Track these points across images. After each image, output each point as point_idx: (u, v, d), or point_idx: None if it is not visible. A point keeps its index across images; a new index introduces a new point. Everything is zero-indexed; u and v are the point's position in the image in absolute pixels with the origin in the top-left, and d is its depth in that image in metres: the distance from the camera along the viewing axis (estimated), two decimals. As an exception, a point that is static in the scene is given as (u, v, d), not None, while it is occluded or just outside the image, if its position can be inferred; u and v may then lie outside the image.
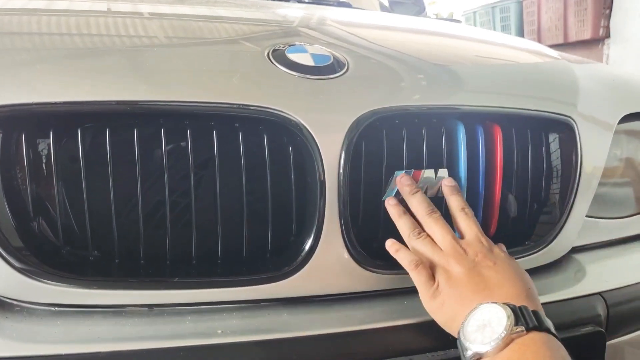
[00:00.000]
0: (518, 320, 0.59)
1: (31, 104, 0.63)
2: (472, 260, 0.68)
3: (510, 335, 0.58)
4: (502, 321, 0.59)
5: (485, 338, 0.59)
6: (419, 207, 0.72)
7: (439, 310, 0.68)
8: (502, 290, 0.65)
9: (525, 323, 0.59)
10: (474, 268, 0.67)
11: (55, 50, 0.74)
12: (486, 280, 0.66)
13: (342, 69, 0.75)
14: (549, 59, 1.11)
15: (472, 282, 0.66)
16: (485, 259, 0.68)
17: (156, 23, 0.89)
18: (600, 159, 0.90)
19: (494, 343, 0.59)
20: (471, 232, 0.72)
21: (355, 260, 0.72)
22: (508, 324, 0.59)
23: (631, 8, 4.38)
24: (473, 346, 0.60)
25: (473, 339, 0.60)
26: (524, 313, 0.61)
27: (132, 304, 0.68)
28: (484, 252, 0.69)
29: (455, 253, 0.69)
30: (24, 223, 0.65)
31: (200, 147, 0.69)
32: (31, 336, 0.62)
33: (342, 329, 0.69)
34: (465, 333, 0.62)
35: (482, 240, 0.71)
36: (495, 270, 0.67)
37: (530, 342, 0.59)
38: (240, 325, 0.67)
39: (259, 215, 0.71)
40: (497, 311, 0.61)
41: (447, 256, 0.69)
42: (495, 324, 0.60)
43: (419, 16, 2.14)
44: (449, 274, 0.68)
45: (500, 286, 0.66)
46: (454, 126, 0.78)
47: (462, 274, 0.67)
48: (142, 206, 0.67)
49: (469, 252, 0.69)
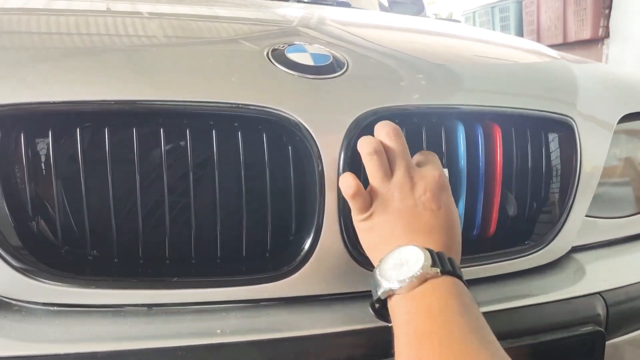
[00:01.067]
0: (434, 263, 0.60)
1: (30, 103, 0.63)
2: (417, 197, 0.66)
3: (425, 275, 0.59)
4: (420, 261, 0.60)
5: (401, 275, 0.60)
6: (380, 125, 0.69)
7: (365, 233, 0.68)
8: (431, 237, 0.65)
9: (441, 266, 0.60)
10: (414, 207, 0.66)
11: (55, 49, 0.74)
12: (421, 223, 0.66)
13: (341, 68, 0.75)
14: (548, 59, 1.11)
15: (406, 220, 0.66)
16: (431, 200, 0.67)
17: (155, 22, 0.89)
18: (600, 159, 0.90)
19: (408, 280, 0.59)
20: (432, 162, 0.70)
21: (354, 259, 0.72)
22: (425, 264, 0.60)
23: (631, 8, 4.39)
24: (387, 283, 0.61)
25: (389, 276, 0.61)
26: (441, 258, 0.61)
27: (131, 304, 0.68)
28: (434, 191, 0.67)
29: (403, 186, 0.67)
30: (23, 222, 0.65)
31: (199, 147, 0.68)
32: (30, 336, 0.62)
33: (342, 329, 0.69)
34: (382, 270, 0.62)
35: (436, 175, 0.68)
36: (434, 216, 0.66)
37: (442, 283, 0.60)
38: (240, 325, 0.67)
39: (258, 214, 0.71)
40: (417, 252, 0.62)
41: (393, 186, 0.67)
42: (412, 263, 0.61)
43: (418, 16, 2.14)
44: (388, 206, 0.66)
45: (430, 232, 0.65)
46: (454, 126, 0.78)
47: (401, 210, 0.66)
48: (141, 206, 0.67)
49: (418, 187, 0.67)
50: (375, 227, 0.67)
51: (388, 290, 0.61)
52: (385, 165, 0.67)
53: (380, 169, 0.67)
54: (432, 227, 0.66)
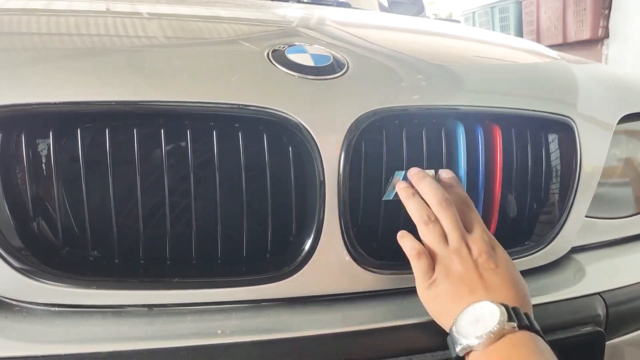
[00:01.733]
0: (511, 317, 0.61)
1: (31, 104, 0.63)
2: (474, 260, 0.68)
3: (502, 330, 0.60)
4: (496, 317, 0.61)
5: (478, 332, 0.60)
6: (431, 192, 0.71)
7: (432, 301, 0.68)
8: (498, 293, 0.66)
9: (517, 321, 0.61)
10: (475, 269, 0.67)
11: (55, 50, 0.74)
12: (485, 282, 0.67)
13: (341, 69, 0.75)
14: (548, 59, 1.11)
15: (471, 282, 0.67)
16: (488, 260, 0.68)
17: (155, 23, 0.89)
18: (600, 159, 0.90)
19: (486, 337, 0.60)
20: (477, 229, 0.71)
21: (355, 260, 0.72)
22: (501, 320, 0.60)
23: (630, 8, 4.39)
24: (465, 340, 0.61)
25: (466, 333, 0.61)
26: (516, 312, 0.62)
27: (132, 304, 0.68)
28: (488, 252, 0.69)
29: (460, 251, 0.69)
30: (24, 223, 0.65)
31: (200, 147, 0.69)
32: (31, 336, 0.62)
33: (342, 329, 0.69)
34: (458, 327, 0.63)
35: (485, 239, 0.70)
36: (496, 274, 0.67)
37: (521, 339, 0.60)
38: (240, 326, 0.67)
39: (259, 215, 0.71)
40: (491, 308, 0.62)
41: (452, 252, 0.69)
42: (488, 319, 0.61)
43: (418, 16, 2.14)
44: (450, 270, 0.68)
45: (497, 289, 0.66)
46: (454, 126, 0.78)
47: (463, 273, 0.67)
48: (142, 206, 0.67)
49: (473, 251, 0.69)
50: (442, 293, 0.67)
51: (466, 347, 0.61)
52: (442, 232, 0.70)
53: (439, 235, 0.69)
54: (496, 285, 0.67)
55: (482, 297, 0.64)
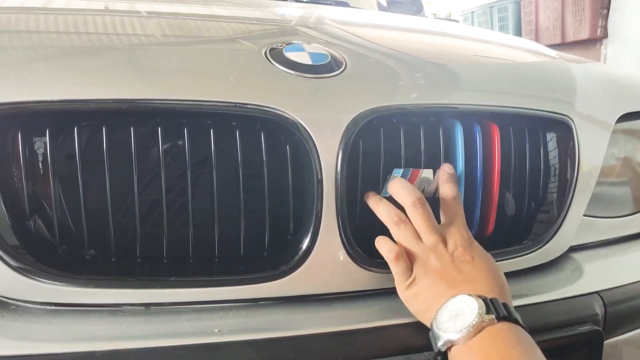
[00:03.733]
0: (489, 310, 0.62)
1: (27, 102, 0.63)
2: (451, 254, 0.69)
3: (481, 324, 0.61)
4: (474, 310, 0.62)
5: (457, 326, 0.61)
6: (401, 194, 0.72)
7: (412, 299, 0.69)
8: (476, 285, 0.67)
9: (495, 312, 0.62)
10: (452, 262, 0.69)
11: (52, 48, 0.73)
12: (462, 275, 0.68)
13: (339, 67, 0.75)
14: (546, 59, 1.11)
15: (448, 276, 0.68)
16: (464, 253, 0.69)
17: (153, 21, 0.89)
18: (598, 158, 0.90)
19: (466, 330, 0.61)
20: (455, 223, 0.72)
21: (352, 259, 0.72)
22: (479, 313, 0.61)
23: (629, 8, 4.40)
24: (445, 335, 0.62)
25: (446, 328, 0.62)
26: (494, 304, 0.63)
27: (129, 303, 0.68)
28: (464, 245, 0.70)
29: (436, 247, 0.69)
30: (20, 222, 0.65)
31: (197, 146, 0.68)
32: (27, 335, 0.62)
33: (340, 328, 0.69)
34: (438, 323, 0.64)
35: (463, 233, 0.71)
36: (472, 266, 0.68)
37: (499, 330, 0.61)
38: (238, 324, 0.67)
39: (256, 213, 0.71)
40: (469, 301, 0.63)
41: (427, 250, 0.69)
42: (467, 312, 0.62)
43: (416, 16, 2.14)
44: (427, 267, 0.69)
45: (474, 281, 0.67)
46: (452, 125, 0.78)
47: (440, 268, 0.68)
48: (139, 205, 0.67)
49: (449, 245, 0.70)
50: (421, 290, 0.68)
51: (447, 342, 0.62)
52: (414, 231, 0.71)
53: (411, 235, 0.70)
54: (475, 277, 0.68)
55: (460, 291, 0.65)
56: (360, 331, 0.69)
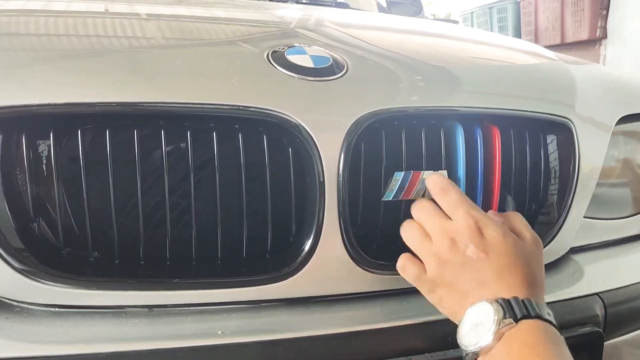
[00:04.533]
0: (506, 313, 0.59)
1: (31, 105, 0.63)
2: (462, 254, 0.65)
3: (500, 330, 0.59)
4: (490, 317, 0.60)
5: (478, 337, 0.60)
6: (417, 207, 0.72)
7: (439, 305, 0.68)
8: (501, 283, 0.63)
9: (513, 315, 0.59)
10: (465, 264, 0.64)
11: (55, 51, 0.74)
12: (481, 275, 0.64)
13: (341, 70, 0.76)
14: (546, 60, 1.12)
15: (466, 279, 0.64)
16: (477, 250, 0.64)
17: (154, 24, 0.89)
18: (598, 160, 0.91)
19: (485, 341, 0.59)
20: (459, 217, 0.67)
21: (354, 261, 0.72)
22: (496, 319, 0.59)
23: (628, 8, 4.40)
24: (469, 347, 0.61)
25: (468, 341, 0.61)
26: (511, 305, 0.60)
27: (132, 305, 0.68)
28: (475, 241, 0.65)
29: (444, 247, 0.66)
30: (24, 224, 0.65)
31: (200, 148, 0.69)
32: (31, 337, 0.62)
33: (342, 330, 0.69)
34: (461, 336, 0.62)
35: (471, 225, 0.66)
36: (489, 263, 0.64)
37: (517, 334, 0.59)
38: (240, 326, 0.68)
39: (259, 216, 0.71)
40: (486, 308, 0.61)
41: (438, 248, 0.66)
42: (485, 321, 0.60)
43: (416, 17, 2.14)
44: (441, 268, 0.66)
45: (497, 278, 0.63)
46: (453, 127, 0.78)
47: (455, 273, 0.65)
48: (142, 207, 0.67)
49: (459, 244, 0.65)
50: (444, 295, 0.67)
51: (472, 355, 0.61)
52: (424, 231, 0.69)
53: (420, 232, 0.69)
54: (496, 272, 0.64)
55: (476, 298, 0.63)
56: (362, 333, 0.69)
